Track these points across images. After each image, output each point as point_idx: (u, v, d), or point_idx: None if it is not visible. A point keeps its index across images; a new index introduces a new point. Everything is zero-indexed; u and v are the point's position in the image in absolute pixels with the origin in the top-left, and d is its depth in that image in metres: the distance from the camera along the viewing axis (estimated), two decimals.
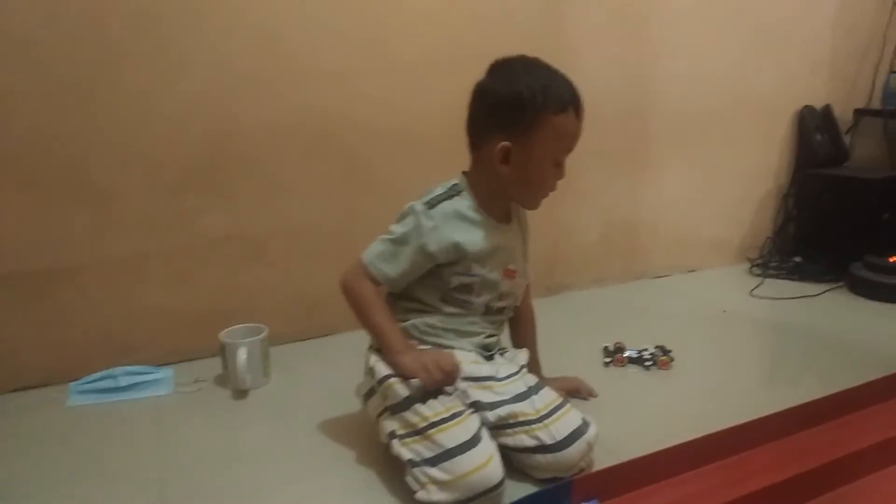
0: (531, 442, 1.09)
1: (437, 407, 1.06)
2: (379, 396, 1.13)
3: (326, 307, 1.24)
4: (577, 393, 1.39)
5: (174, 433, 1.30)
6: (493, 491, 1.01)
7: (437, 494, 1.00)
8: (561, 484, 1.05)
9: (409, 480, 1.03)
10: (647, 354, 1.56)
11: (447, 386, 1.10)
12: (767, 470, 1.14)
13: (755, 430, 1.20)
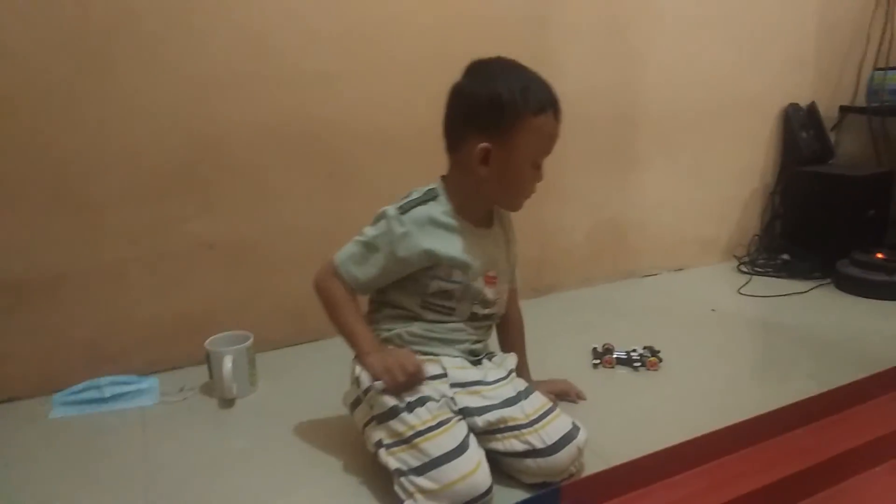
0: (521, 447, 1.08)
1: (423, 415, 1.05)
2: (365, 405, 1.12)
3: (313, 313, 1.23)
4: (565, 396, 1.38)
5: (160, 444, 1.28)
6: (481, 499, 1.00)
7: (424, 503, 0.99)
8: (550, 490, 1.04)
9: (396, 490, 1.02)
10: (635, 355, 1.56)
11: (411, 388, 1.09)
12: (759, 471, 1.14)
13: (745, 431, 1.20)
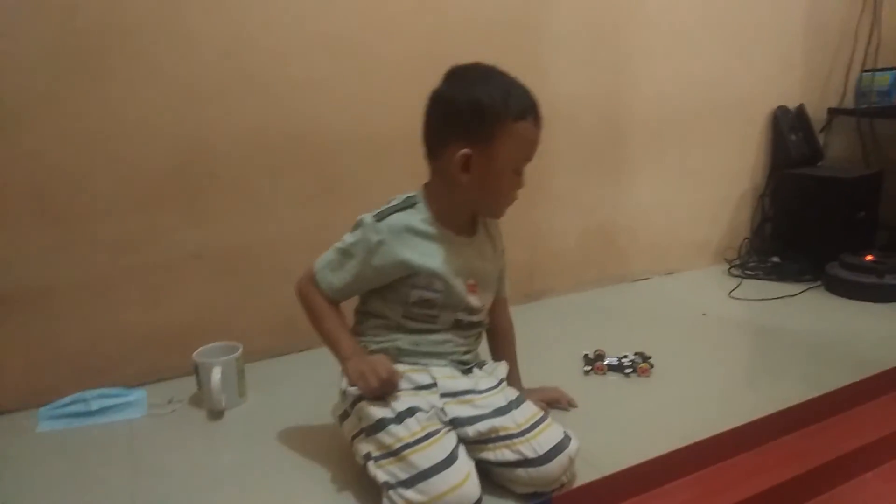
0: (513, 456, 1.07)
1: (412, 426, 1.04)
2: (353, 418, 1.11)
3: (302, 322, 1.23)
4: (556, 403, 1.37)
5: (148, 457, 1.26)
6: None
7: None
8: (542, 500, 1.04)
9: (385, 503, 1.01)
10: (626, 362, 1.55)
11: (385, 393, 1.09)
12: (752, 478, 1.14)
13: (738, 437, 1.20)
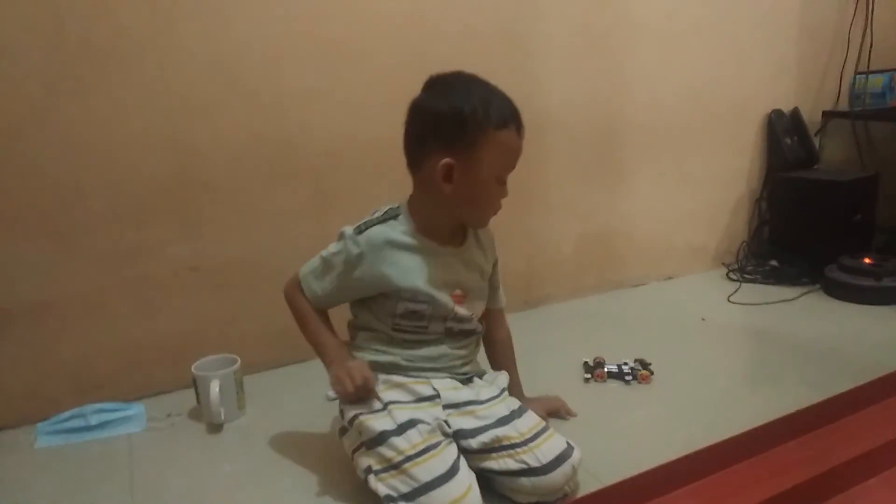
0: (516, 465, 1.07)
1: (414, 438, 1.04)
2: (354, 432, 1.10)
3: (299, 333, 1.23)
4: (557, 413, 1.37)
5: (147, 471, 1.26)
6: None
7: None
8: None
9: None
10: (626, 369, 1.55)
11: (361, 398, 1.10)
12: (754, 486, 1.13)
13: (739, 445, 1.19)
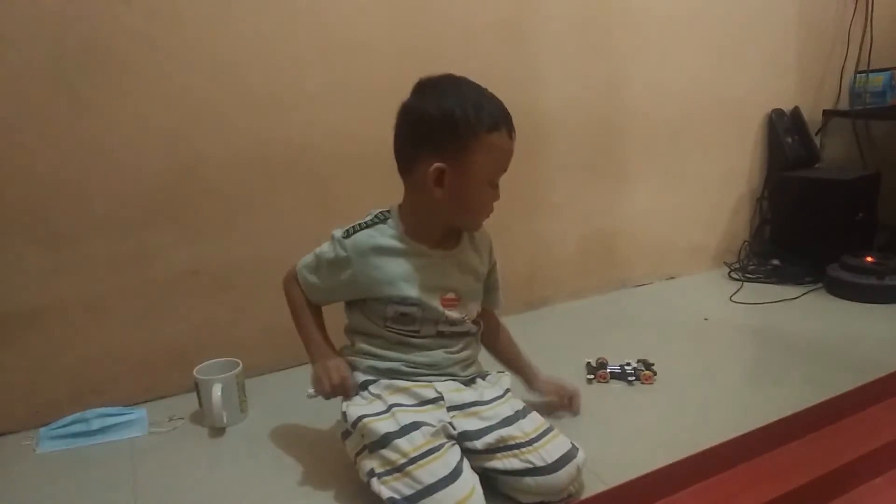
0: (521, 465, 1.07)
1: (417, 440, 1.03)
2: (356, 436, 1.10)
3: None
4: (566, 399, 1.38)
5: (150, 476, 1.26)
6: None
7: None
8: None
9: None
10: (629, 369, 1.55)
11: (338, 396, 1.15)
12: (759, 486, 1.12)
13: (743, 445, 1.18)
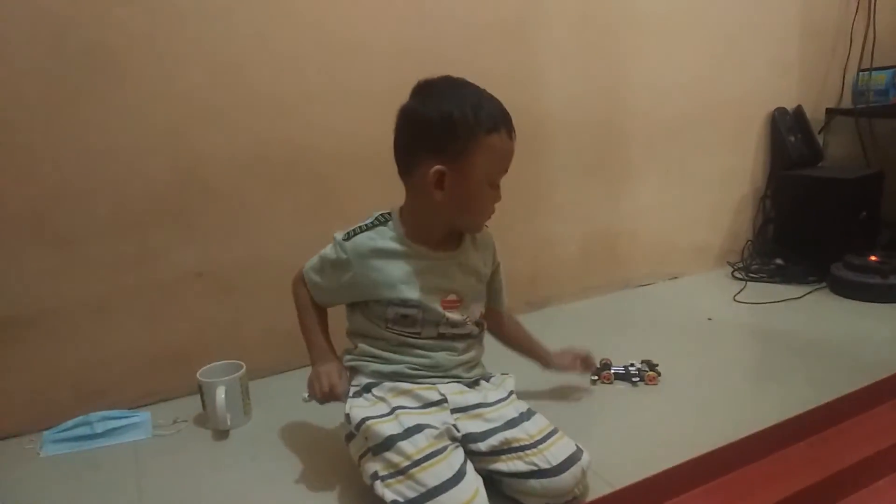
0: (525, 467, 1.06)
1: (420, 442, 1.03)
2: (360, 438, 1.09)
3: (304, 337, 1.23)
4: (584, 365, 1.44)
5: (154, 479, 1.26)
6: None
7: None
8: None
9: None
10: (633, 370, 1.54)
11: (329, 401, 1.16)
12: (764, 488, 1.13)
13: (750, 446, 1.18)
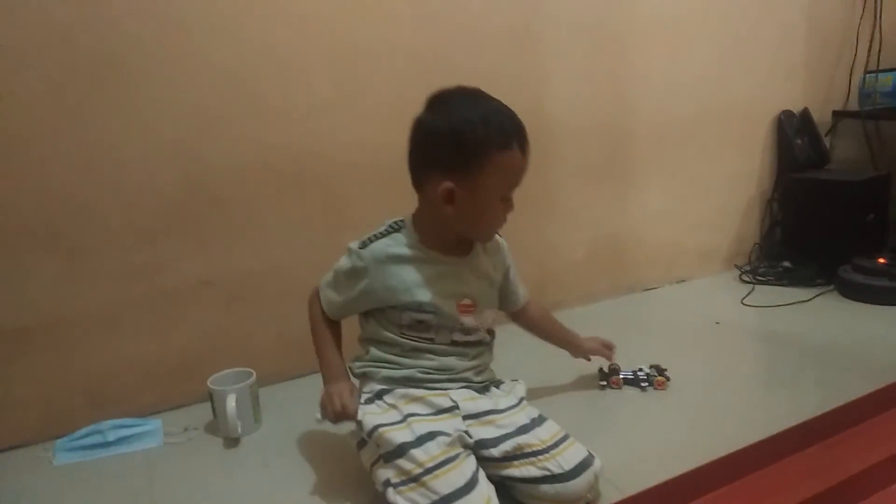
0: (538, 472, 1.07)
1: (433, 450, 1.03)
2: (372, 445, 1.10)
3: (313, 344, 1.24)
4: (609, 351, 1.53)
5: (166, 487, 1.26)
6: None
7: None
8: None
9: None
10: (642, 375, 1.54)
11: (341, 422, 1.15)
12: (775, 494, 1.12)
13: (760, 451, 1.18)
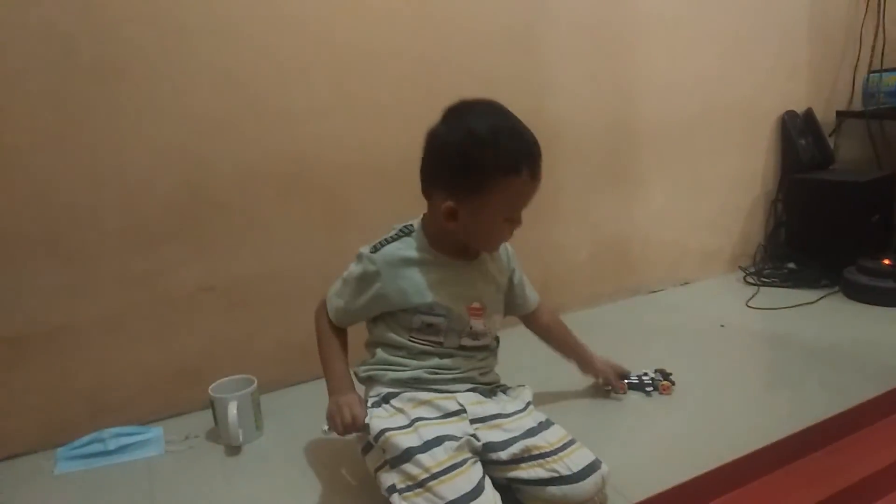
0: (546, 474, 1.06)
1: (440, 455, 1.02)
2: (377, 450, 1.08)
3: (315, 349, 1.23)
4: (618, 383, 1.48)
5: (168, 496, 1.25)
6: None
7: None
8: None
9: None
10: (647, 379, 1.52)
11: (353, 432, 1.13)
12: (785, 498, 1.11)
13: (767, 457, 1.17)
